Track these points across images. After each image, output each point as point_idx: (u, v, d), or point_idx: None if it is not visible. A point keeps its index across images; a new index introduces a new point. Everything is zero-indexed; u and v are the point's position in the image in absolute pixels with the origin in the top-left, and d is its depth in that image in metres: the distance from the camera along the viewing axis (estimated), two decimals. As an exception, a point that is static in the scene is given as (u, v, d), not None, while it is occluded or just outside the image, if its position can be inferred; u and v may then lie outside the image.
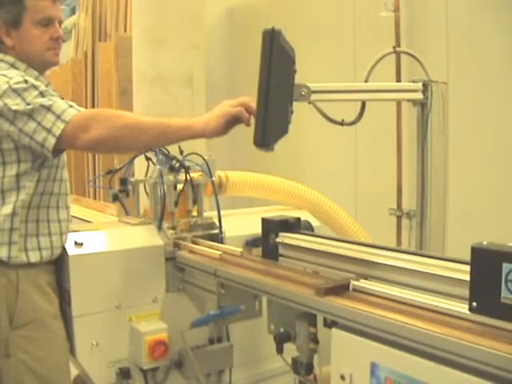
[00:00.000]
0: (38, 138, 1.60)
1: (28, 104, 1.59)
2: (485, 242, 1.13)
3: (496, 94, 2.91)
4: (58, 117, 1.58)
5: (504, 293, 1.07)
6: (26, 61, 1.76)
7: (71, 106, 1.62)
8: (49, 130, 1.58)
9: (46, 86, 1.73)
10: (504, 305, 1.07)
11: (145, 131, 1.61)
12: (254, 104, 1.52)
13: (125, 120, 1.62)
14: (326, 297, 1.36)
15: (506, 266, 1.06)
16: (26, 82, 1.63)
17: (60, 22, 1.82)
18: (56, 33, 1.78)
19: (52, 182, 1.77)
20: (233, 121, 1.59)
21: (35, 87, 1.63)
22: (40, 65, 1.80)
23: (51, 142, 1.59)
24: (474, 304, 1.13)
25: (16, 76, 1.64)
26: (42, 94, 1.62)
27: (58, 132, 1.58)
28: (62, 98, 1.67)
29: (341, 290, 1.40)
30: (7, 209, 1.67)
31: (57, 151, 1.63)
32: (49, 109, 1.59)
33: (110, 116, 1.63)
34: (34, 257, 1.71)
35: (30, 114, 1.59)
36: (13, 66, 1.74)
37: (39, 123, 1.59)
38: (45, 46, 1.77)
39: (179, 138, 1.65)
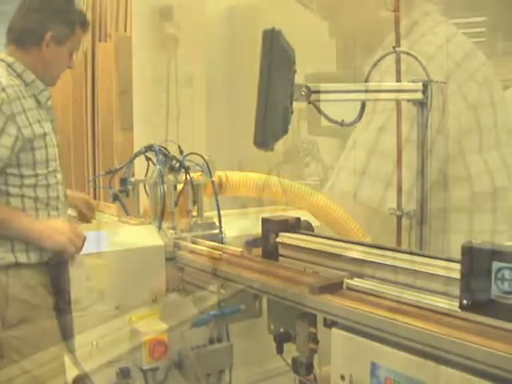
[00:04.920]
0: None
1: None
2: (475, 241, 1.13)
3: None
4: None
5: (494, 291, 1.07)
6: (35, 72, 1.78)
7: None
8: None
9: (38, 93, 1.77)
10: (494, 302, 1.08)
11: None
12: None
13: None
14: (321, 295, 1.36)
15: (495, 264, 1.07)
16: None
17: None
18: (72, 64, 1.90)
19: (40, 187, 1.78)
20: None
21: None
22: (45, 82, 1.84)
23: None
24: (465, 302, 1.13)
25: None
26: None
27: None
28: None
29: (335, 288, 1.40)
30: None
31: None
32: None
33: None
34: (21, 258, 1.72)
35: None
36: (10, 66, 1.74)
37: None
38: (61, 71, 1.89)
39: (19, 236, 1.73)
